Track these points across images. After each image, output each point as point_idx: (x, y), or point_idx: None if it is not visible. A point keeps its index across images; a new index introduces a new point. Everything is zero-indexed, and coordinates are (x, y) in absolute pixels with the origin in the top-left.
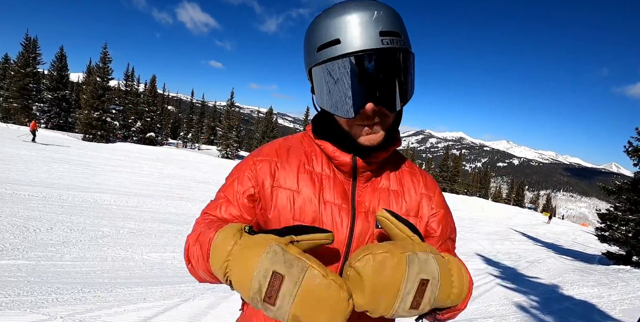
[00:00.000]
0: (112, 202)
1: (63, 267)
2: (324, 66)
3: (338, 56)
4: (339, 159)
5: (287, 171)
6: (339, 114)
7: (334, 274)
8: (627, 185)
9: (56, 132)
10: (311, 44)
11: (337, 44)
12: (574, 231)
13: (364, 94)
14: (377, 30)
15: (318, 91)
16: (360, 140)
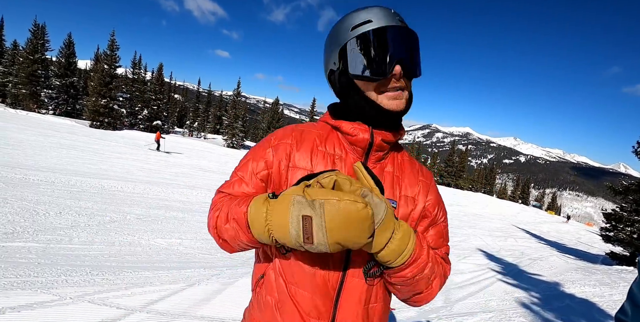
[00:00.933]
0: (119, 188)
1: (72, 250)
2: (360, 36)
3: (371, 29)
4: (356, 134)
5: (302, 151)
6: (372, 75)
7: (347, 194)
8: (635, 186)
9: (64, 119)
10: (344, 26)
11: (368, 22)
12: (579, 230)
13: (394, 58)
14: (397, 18)
15: (352, 62)
16: (385, 105)
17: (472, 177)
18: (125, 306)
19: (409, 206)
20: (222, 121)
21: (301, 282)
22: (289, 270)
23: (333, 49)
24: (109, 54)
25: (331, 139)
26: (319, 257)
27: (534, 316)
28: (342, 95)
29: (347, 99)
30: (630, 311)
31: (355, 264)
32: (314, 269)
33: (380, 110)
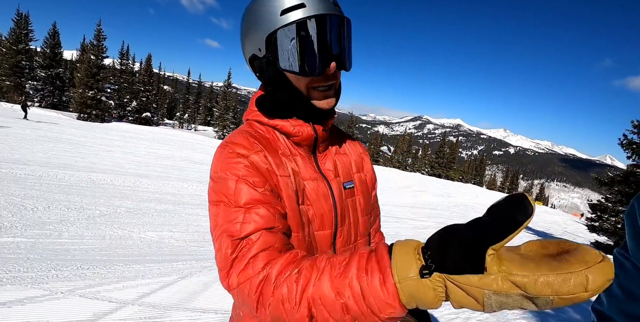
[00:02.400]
0: (109, 181)
1: (62, 244)
2: (292, 27)
3: (306, 17)
4: (301, 134)
5: (274, 157)
6: (303, 73)
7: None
8: (620, 177)
9: (50, 111)
10: (272, 9)
11: (302, 7)
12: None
13: (328, 53)
14: (331, 1)
15: (283, 54)
16: (317, 104)
17: (463, 168)
18: (117, 299)
19: (363, 181)
20: (212, 113)
21: None
22: None
23: (257, 33)
24: (96, 44)
25: (279, 138)
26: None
27: (528, 312)
28: (270, 85)
29: (275, 90)
30: (605, 301)
31: (340, 252)
32: None
33: (314, 109)
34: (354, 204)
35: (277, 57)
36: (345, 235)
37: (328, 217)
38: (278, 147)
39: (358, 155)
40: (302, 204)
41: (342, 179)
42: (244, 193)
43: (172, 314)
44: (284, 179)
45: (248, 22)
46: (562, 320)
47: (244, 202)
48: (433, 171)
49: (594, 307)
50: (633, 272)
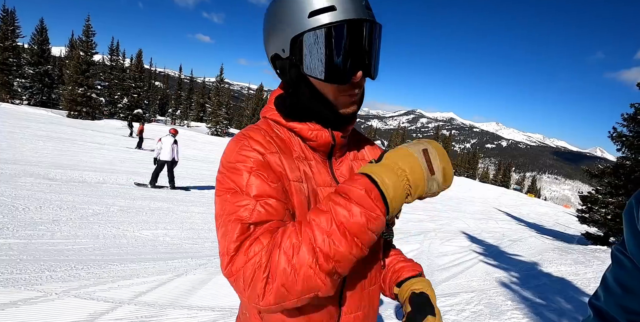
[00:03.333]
0: (101, 180)
1: (55, 245)
2: (319, 31)
3: (337, 22)
4: (318, 140)
5: (288, 160)
6: (331, 80)
7: None
8: (609, 169)
9: (40, 109)
10: (300, 9)
11: (333, 10)
12: (556, 212)
13: (357, 61)
14: (363, 3)
15: (308, 59)
16: (343, 111)
17: (456, 161)
18: (113, 299)
19: None
20: (205, 109)
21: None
22: None
23: (281, 33)
24: (85, 40)
25: (294, 141)
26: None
27: (513, 295)
28: (291, 86)
29: (297, 92)
30: (602, 296)
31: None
32: (307, 316)
33: (337, 115)
34: None
35: (301, 61)
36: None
37: None
38: (293, 150)
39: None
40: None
41: None
42: (256, 185)
43: (169, 312)
44: (296, 185)
45: (272, 20)
46: (553, 310)
47: (256, 194)
48: None
49: (591, 302)
50: (630, 268)
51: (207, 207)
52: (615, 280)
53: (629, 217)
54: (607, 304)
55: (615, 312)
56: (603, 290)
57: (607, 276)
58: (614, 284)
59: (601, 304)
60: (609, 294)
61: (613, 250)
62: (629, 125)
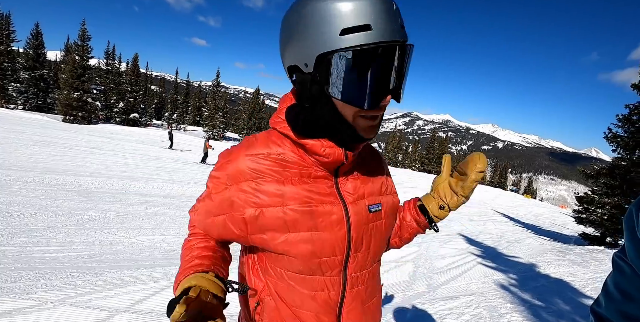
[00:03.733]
0: (97, 185)
1: (50, 252)
2: (351, 53)
3: (371, 44)
4: (329, 157)
5: (267, 186)
6: (356, 104)
7: None
8: (605, 170)
9: (35, 114)
10: (331, 24)
11: (367, 30)
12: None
13: (386, 86)
14: (399, 22)
15: (335, 79)
16: (363, 133)
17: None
18: (109, 307)
19: (391, 204)
20: (202, 112)
21: (304, 305)
22: (289, 295)
23: (306, 47)
24: (80, 44)
25: (294, 157)
26: (315, 281)
27: (512, 297)
28: (309, 102)
29: (314, 109)
30: (603, 303)
31: (352, 277)
32: (313, 292)
33: (355, 136)
34: (378, 228)
35: (327, 81)
36: (360, 261)
37: (339, 243)
38: (289, 170)
39: (386, 175)
40: (312, 230)
41: (368, 201)
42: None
43: (166, 320)
44: (270, 210)
45: (296, 29)
46: (552, 312)
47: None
48: (423, 167)
49: (593, 309)
50: (631, 274)
51: None
52: (616, 286)
53: (629, 224)
54: (608, 310)
55: (616, 319)
56: (604, 296)
57: (608, 283)
58: (614, 291)
59: (602, 311)
60: (609, 300)
61: (614, 256)
62: (624, 126)
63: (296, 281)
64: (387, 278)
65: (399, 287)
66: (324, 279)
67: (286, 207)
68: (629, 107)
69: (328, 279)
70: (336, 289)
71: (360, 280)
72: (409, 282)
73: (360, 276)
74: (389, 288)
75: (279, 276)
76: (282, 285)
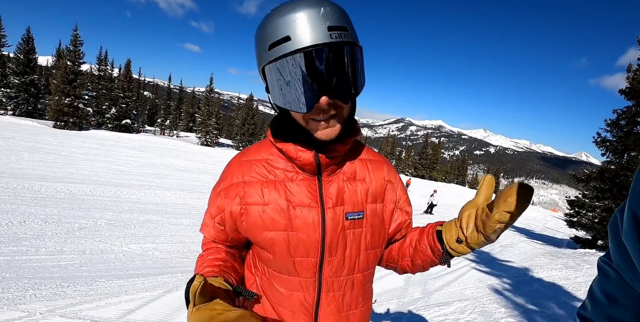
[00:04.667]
0: (88, 192)
1: (39, 261)
2: (276, 64)
3: (289, 53)
4: (301, 160)
5: (252, 187)
6: (294, 109)
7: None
8: (595, 174)
9: (25, 120)
10: (262, 43)
11: (287, 41)
12: (545, 216)
13: (318, 88)
14: (325, 26)
15: (272, 89)
16: (317, 135)
17: (445, 168)
18: (100, 318)
19: (378, 213)
20: (195, 119)
21: (283, 303)
22: (271, 291)
23: (257, 63)
24: (72, 49)
25: (279, 161)
26: (291, 281)
27: (506, 302)
28: (275, 110)
29: (279, 116)
30: (589, 307)
31: (328, 280)
32: (289, 291)
33: (312, 138)
34: (357, 236)
35: (268, 90)
36: (335, 266)
37: (313, 245)
38: (271, 173)
39: (380, 183)
40: (288, 230)
41: (348, 208)
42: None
43: None
44: (252, 207)
45: (255, 47)
46: (547, 316)
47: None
48: (417, 172)
49: (579, 313)
50: (616, 279)
51: (197, 219)
52: (602, 291)
53: (614, 229)
54: (594, 314)
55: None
56: (590, 300)
57: (594, 287)
58: (600, 295)
59: (588, 315)
60: (595, 304)
61: (599, 261)
62: (612, 130)
63: (276, 280)
64: (381, 284)
65: (394, 294)
66: (299, 280)
67: (266, 207)
68: (617, 112)
69: (303, 280)
70: (311, 292)
71: (336, 286)
72: (403, 288)
73: (336, 282)
74: (384, 294)
75: (263, 272)
76: (266, 281)
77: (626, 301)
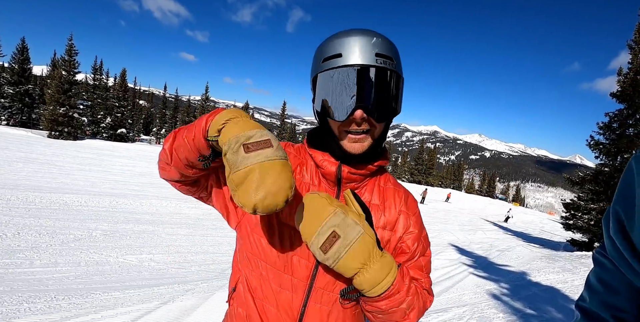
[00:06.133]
0: (83, 203)
1: (34, 274)
2: (325, 73)
3: (337, 66)
4: (325, 168)
5: (301, 169)
6: (331, 116)
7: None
8: (590, 176)
9: (19, 130)
10: (318, 57)
11: (338, 57)
12: (542, 219)
13: (355, 102)
14: (374, 52)
15: (317, 96)
16: (346, 147)
17: (441, 173)
18: None
19: (386, 241)
20: None
21: (268, 298)
22: (259, 286)
23: (311, 73)
24: (67, 59)
25: (309, 166)
26: (283, 278)
27: (504, 307)
28: (316, 118)
29: (320, 123)
30: (587, 297)
31: (318, 290)
32: (279, 287)
33: (342, 150)
34: None
35: (314, 98)
36: (330, 277)
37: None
38: (302, 171)
39: (396, 212)
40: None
41: None
42: None
43: None
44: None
45: (312, 62)
46: (545, 320)
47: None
48: (413, 178)
49: (578, 304)
50: (612, 269)
51: (193, 228)
52: (599, 280)
53: (606, 222)
54: (592, 303)
55: (600, 310)
56: (587, 291)
57: (590, 278)
58: (597, 284)
59: (586, 305)
60: (593, 293)
61: (594, 253)
62: (605, 133)
63: (268, 272)
64: None
65: None
66: (291, 279)
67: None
68: (609, 115)
69: (295, 280)
70: (299, 294)
71: (325, 299)
72: None
73: (325, 295)
74: None
75: (255, 265)
76: (255, 275)
77: (621, 287)
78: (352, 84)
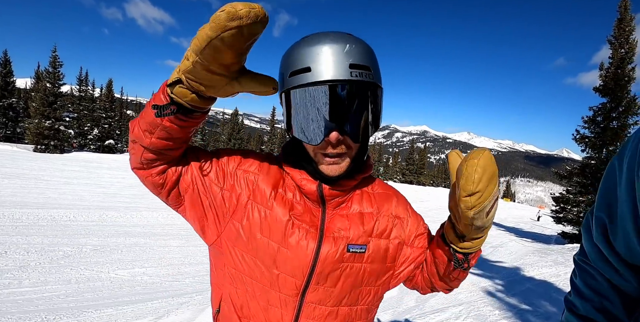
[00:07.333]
0: (72, 218)
1: (22, 294)
2: (293, 92)
3: (306, 84)
4: (305, 188)
5: (264, 189)
6: (303, 139)
7: None
8: (577, 170)
9: (3, 144)
10: (284, 70)
11: (307, 71)
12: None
13: (329, 123)
14: (347, 63)
15: (286, 115)
16: (322, 169)
17: (433, 173)
18: None
19: (382, 249)
20: None
21: (256, 316)
22: (245, 304)
23: (278, 87)
24: (52, 71)
25: (288, 182)
26: (271, 295)
27: (499, 303)
28: (288, 135)
29: (291, 141)
30: (580, 306)
31: (310, 305)
32: (267, 305)
33: (319, 172)
34: (355, 270)
35: (284, 116)
36: (321, 294)
37: (300, 269)
38: (280, 185)
39: (388, 218)
40: (280, 244)
41: (351, 240)
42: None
43: None
44: (257, 206)
45: (278, 73)
46: (539, 315)
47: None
48: (404, 178)
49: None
50: (596, 275)
51: (186, 240)
52: (587, 287)
53: (587, 230)
54: (586, 310)
55: (596, 316)
56: (578, 298)
57: (578, 284)
58: (587, 291)
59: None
60: (585, 301)
61: (576, 259)
62: (590, 127)
63: (255, 289)
64: None
65: (389, 304)
66: (279, 295)
67: (270, 211)
68: (593, 109)
69: (284, 297)
70: (289, 311)
71: (317, 313)
72: (398, 298)
73: (317, 309)
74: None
75: (240, 282)
76: (241, 292)
77: (610, 293)
78: (324, 104)
